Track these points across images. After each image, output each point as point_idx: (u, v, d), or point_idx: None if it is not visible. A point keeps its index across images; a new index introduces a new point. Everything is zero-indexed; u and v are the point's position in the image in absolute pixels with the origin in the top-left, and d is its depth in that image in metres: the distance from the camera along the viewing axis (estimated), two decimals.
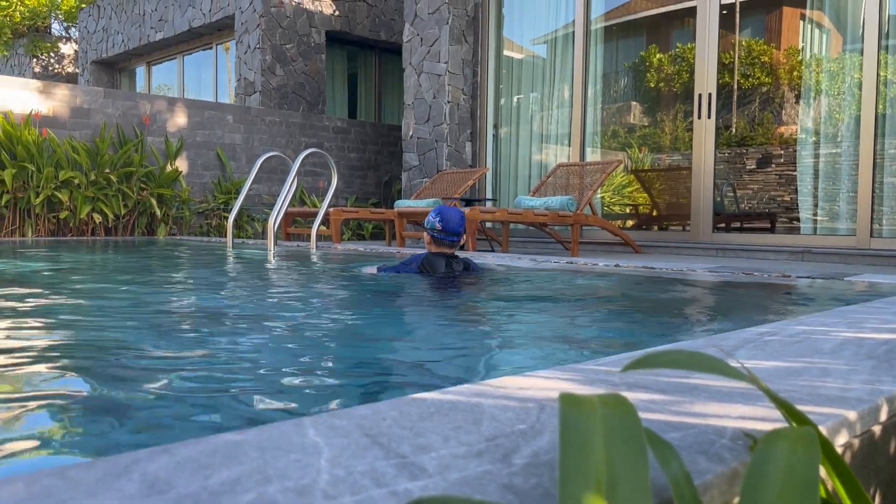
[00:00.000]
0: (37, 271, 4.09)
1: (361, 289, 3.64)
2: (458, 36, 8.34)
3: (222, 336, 2.05)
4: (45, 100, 7.63)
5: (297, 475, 0.63)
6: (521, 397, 0.91)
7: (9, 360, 1.64)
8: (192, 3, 11.50)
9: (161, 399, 1.30)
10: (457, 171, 7.89)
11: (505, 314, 2.63)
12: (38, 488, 0.60)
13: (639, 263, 4.48)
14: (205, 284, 3.83)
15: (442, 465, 0.65)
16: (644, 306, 2.88)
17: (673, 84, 7.87)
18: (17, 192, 7.25)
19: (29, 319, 2.32)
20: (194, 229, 8.66)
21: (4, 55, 16.68)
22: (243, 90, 10.55)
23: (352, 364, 1.71)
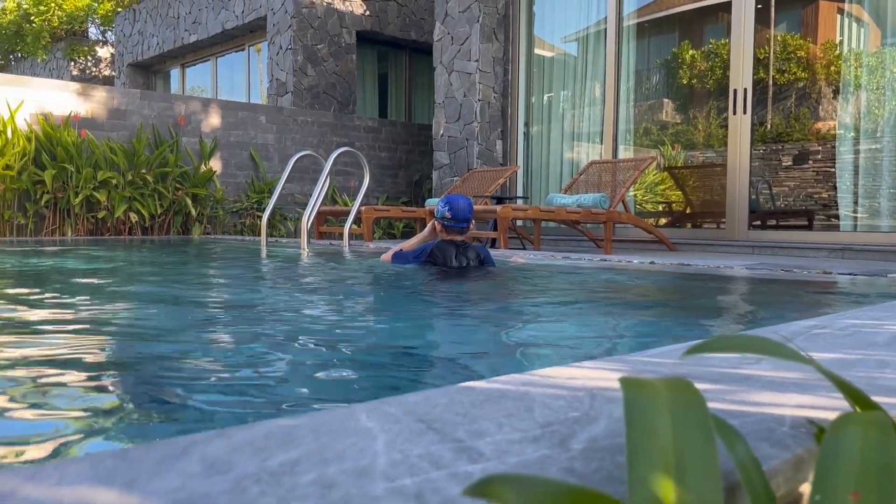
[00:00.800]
0: (82, 269, 4.17)
1: (395, 285, 3.64)
2: (489, 34, 8.32)
3: (261, 329, 2.07)
4: (83, 101, 7.78)
5: (355, 457, 0.63)
6: (570, 386, 0.90)
7: (65, 350, 1.67)
8: (225, 6, 11.64)
9: (207, 389, 1.31)
10: (487, 170, 7.87)
11: (541, 309, 2.62)
12: (102, 468, 0.61)
13: (674, 260, 4.43)
14: (243, 281, 3.87)
15: (499, 450, 0.65)
16: (682, 303, 2.84)
17: (706, 80, 7.77)
18: (58, 193, 7.40)
19: (83, 313, 2.36)
20: (228, 228, 8.76)
21: (43, 59, 17.04)
22: (275, 91, 10.65)
23: (390, 357, 1.72)
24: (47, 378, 1.37)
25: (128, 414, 1.14)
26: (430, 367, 1.56)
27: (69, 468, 0.61)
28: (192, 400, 1.24)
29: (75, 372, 1.45)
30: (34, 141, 7.27)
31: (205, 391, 1.31)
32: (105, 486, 0.57)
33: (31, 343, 1.76)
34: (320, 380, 1.42)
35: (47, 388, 1.30)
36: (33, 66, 17.87)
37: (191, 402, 1.23)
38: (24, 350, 1.67)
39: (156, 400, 1.23)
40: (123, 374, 1.45)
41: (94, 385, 1.36)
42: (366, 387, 1.37)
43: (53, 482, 0.58)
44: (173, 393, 1.29)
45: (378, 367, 1.57)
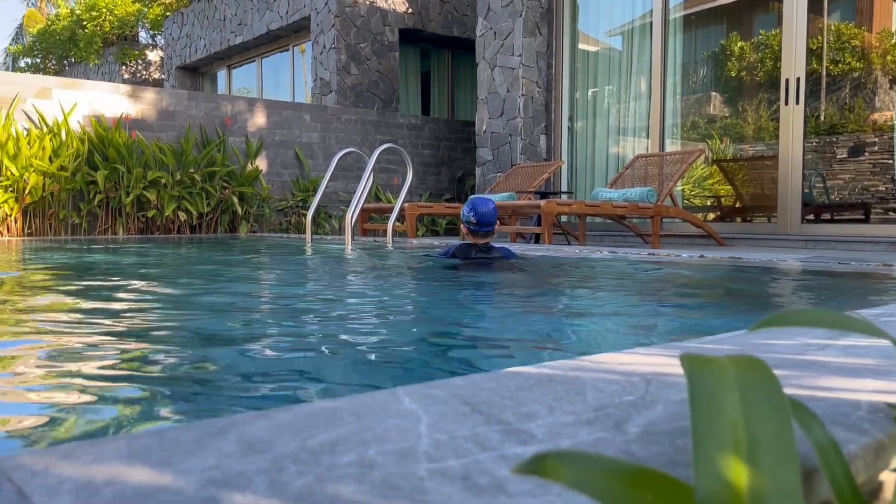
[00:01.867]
0: (138, 265, 4.25)
1: (438, 278, 3.62)
2: (532, 28, 8.24)
3: (308, 319, 2.06)
4: (133, 103, 7.95)
5: (397, 438, 0.60)
6: (623, 371, 0.85)
7: (122, 339, 1.69)
8: (269, 7, 11.78)
9: (252, 373, 1.30)
10: (531, 165, 7.80)
11: (589, 302, 2.56)
12: (138, 446, 0.59)
13: (725, 254, 4.31)
14: (289, 275, 3.89)
15: (551, 432, 0.61)
16: (734, 295, 2.75)
17: (756, 72, 7.57)
18: (110, 193, 7.58)
19: (136, 306, 2.39)
20: (274, 226, 8.85)
21: (96, 63, 17.50)
22: (319, 90, 10.73)
23: (436, 345, 1.69)
24: (96, 362, 1.37)
25: (175, 397, 1.14)
26: (475, 355, 1.53)
27: (106, 446, 0.59)
28: (239, 386, 1.23)
29: (126, 356, 1.46)
30: (87, 142, 7.45)
31: (252, 377, 1.30)
32: (140, 465, 0.55)
33: (94, 331, 1.79)
34: (365, 366, 1.39)
35: (97, 371, 1.30)
36: (86, 70, 18.37)
37: (238, 388, 1.22)
38: (84, 337, 1.69)
39: (201, 383, 1.23)
40: (173, 360, 1.46)
41: (143, 369, 1.36)
42: (411, 373, 1.34)
43: (88, 460, 0.56)
44: (222, 379, 1.28)
45: (423, 355, 1.54)
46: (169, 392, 1.19)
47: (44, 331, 1.81)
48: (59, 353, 1.47)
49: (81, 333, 1.77)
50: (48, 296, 2.60)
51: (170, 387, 1.23)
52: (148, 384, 1.24)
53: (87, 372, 1.29)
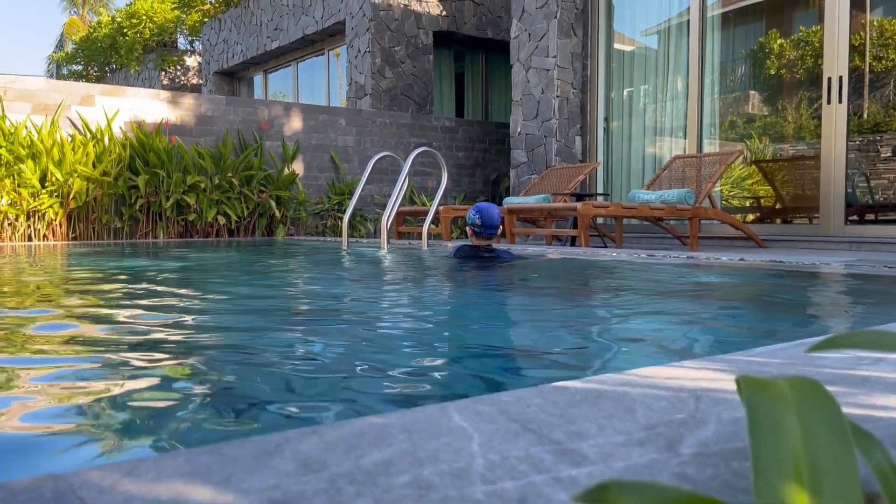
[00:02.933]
0: (182, 269, 4.33)
1: (475, 282, 3.62)
2: (567, 29, 8.20)
3: (347, 327, 2.08)
4: (173, 109, 8.10)
5: (450, 458, 0.61)
6: (671, 387, 0.85)
7: (170, 349, 1.72)
8: (305, 11, 11.90)
9: (295, 385, 1.32)
10: (567, 167, 7.76)
11: (629, 308, 2.54)
12: (198, 464, 0.61)
13: (765, 257, 4.23)
14: (327, 281, 3.93)
15: (603, 453, 0.61)
16: (778, 301, 2.70)
17: (796, 70, 7.42)
18: (150, 197, 7.73)
19: (185, 315, 2.44)
20: (310, 229, 8.94)
21: (136, 70, 17.87)
22: (354, 93, 10.81)
23: (475, 355, 1.69)
24: (143, 373, 1.41)
25: (218, 409, 1.16)
26: (515, 365, 1.52)
27: (166, 464, 0.61)
28: (282, 395, 1.25)
29: (171, 366, 1.49)
30: (129, 148, 7.61)
31: (292, 387, 1.32)
32: (201, 483, 0.56)
33: (136, 334, 1.83)
34: (406, 377, 1.40)
35: (147, 383, 1.33)
36: (127, 76, 18.77)
37: (281, 398, 1.23)
38: (133, 348, 1.73)
39: (245, 395, 1.25)
40: (215, 370, 1.48)
41: (193, 380, 1.39)
42: (452, 385, 1.35)
43: (151, 478, 0.57)
44: (264, 388, 1.30)
45: (464, 365, 1.54)
46: (218, 404, 1.21)
47: (94, 340, 1.85)
48: (108, 364, 1.51)
49: (130, 343, 1.81)
50: (96, 303, 2.67)
51: (219, 398, 1.26)
52: (197, 396, 1.27)
53: (137, 385, 1.32)
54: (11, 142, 6.95)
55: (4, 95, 7.12)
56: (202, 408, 1.18)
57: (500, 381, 1.38)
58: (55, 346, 1.73)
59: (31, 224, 7.17)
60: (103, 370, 1.45)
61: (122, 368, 1.46)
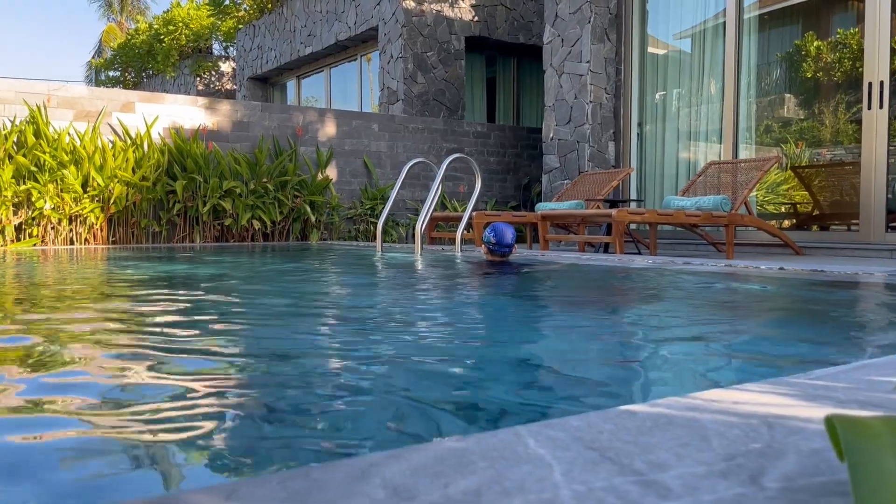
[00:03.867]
0: (224, 275, 4.40)
1: (518, 292, 3.63)
2: (601, 34, 8.17)
3: (390, 339, 2.10)
4: (210, 115, 8.23)
5: (536, 489, 0.62)
6: (740, 413, 0.85)
7: (234, 362, 1.76)
8: (338, 18, 12.01)
9: (342, 402, 1.34)
10: (600, 172, 7.73)
11: (672, 321, 2.53)
12: (292, 489, 0.63)
13: (806, 266, 4.18)
14: (365, 289, 3.96)
15: (687, 485, 0.62)
16: (823, 314, 2.67)
17: (833, 73, 7.31)
18: (188, 202, 7.86)
19: (223, 323, 2.49)
20: (343, 234, 9.02)
21: (172, 76, 18.18)
22: (386, 99, 10.88)
23: (526, 372, 1.70)
24: (201, 392, 1.44)
25: (278, 430, 1.18)
26: (570, 384, 1.53)
27: (261, 489, 0.63)
28: (336, 413, 1.28)
29: (236, 383, 1.52)
30: (167, 153, 7.75)
31: (339, 406, 1.34)
32: None
33: (186, 344, 1.87)
34: (459, 392, 1.42)
35: (221, 400, 1.37)
36: (163, 82, 19.10)
37: (335, 416, 1.26)
38: (183, 350, 1.78)
39: (298, 412, 1.27)
40: (264, 387, 1.51)
41: (260, 397, 1.42)
42: (505, 402, 1.36)
43: (250, 502, 0.60)
44: (317, 404, 1.33)
45: (516, 385, 1.56)
46: (283, 421, 1.24)
47: (162, 349, 1.90)
48: (182, 380, 1.55)
49: (198, 355, 1.85)
50: (148, 312, 2.72)
51: (285, 416, 1.29)
52: (268, 413, 1.30)
53: (212, 402, 1.35)
54: (55, 148, 7.12)
55: (48, 103, 7.30)
56: (274, 427, 1.21)
57: (556, 399, 1.39)
58: (126, 363, 1.78)
59: (74, 228, 7.34)
60: (165, 386, 1.49)
61: (178, 385, 1.50)
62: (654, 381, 1.49)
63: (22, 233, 7.12)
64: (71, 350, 1.84)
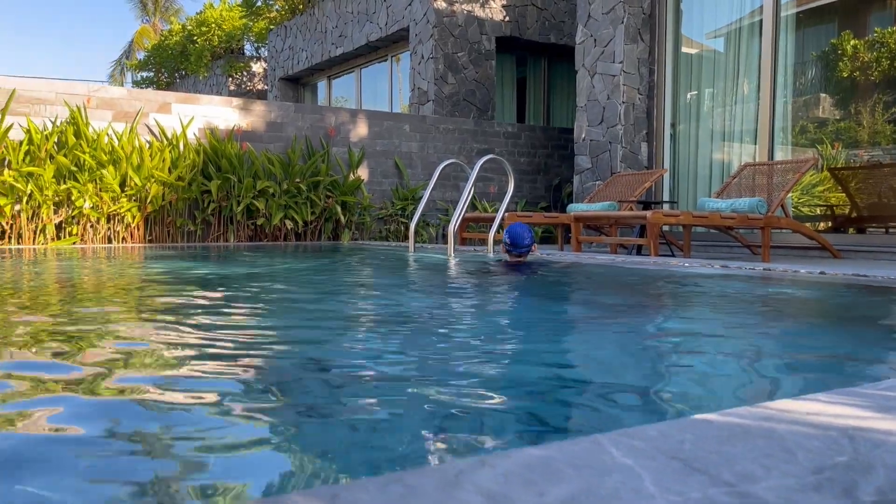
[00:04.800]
0: (266, 277, 4.46)
1: (552, 295, 3.63)
2: (634, 35, 8.13)
3: (431, 340, 2.12)
4: (244, 116, 8.33)
5: (631, 499, 0.64)
6: (816, 424, 0.86)
7: (307, 366, 1.80)
8: (369, 19, 12.07)
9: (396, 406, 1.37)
10: (632, 174, 7.68)
11: (718, 327, 2.52)
12: (391, 494, 0.65)
13: (847, 271, 4.13)
14: (407, 289, 3.99)
15: (783, 498, 0.63)
16: (872, 320, 2.64)
17: (871, 73, 7.20)
18: (222, 201, 7.96)
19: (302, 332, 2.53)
20: (374, 234, 9.07)
21: (205, 76, 18.41)
22: (417, 99, 10.92)
23: (577, 381, 1.71)
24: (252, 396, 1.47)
25: (342, 432, 1.21)
26: (625, 390, 1.54)
27: (360, 493, 0.65)
28: (403, 413, 1.30)
29: (310, 385, 1.55)
30: (202, 154, 7.86)
31: (391, 409, 1.36)
32: None
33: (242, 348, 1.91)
34: (510, 399, 1.43)
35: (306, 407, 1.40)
36: (195, 82, 19.34)
37: (402, 416, 1.28)
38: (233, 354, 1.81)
39: (359, 414, 1.30)
40: (326, 390, 1.54)
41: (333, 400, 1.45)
42: (569, 411, 1.37)
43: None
44: (382, 409, 1.35)
45: (576, 391, 1.57)
46: (368, 426, 1.27)
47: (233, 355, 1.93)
48: (262, 386, 1.58)
49: (269, 361, 1.88)
50: (207, 319, 2.77)
51: (363, 420, 1.31)
52: (342, 417, 1.32)
53: (295, 411, 1.38)
54: (94, 148, 7.26)
55: (88, 104, 7.44)
56: (354, 429, 1.23)
57: (616, 407, 1.40)
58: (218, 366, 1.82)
59: (111, 226, 7.47)
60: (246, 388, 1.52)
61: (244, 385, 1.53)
62: (711, 389, 1.49)
63: (62, 231, 7.26)
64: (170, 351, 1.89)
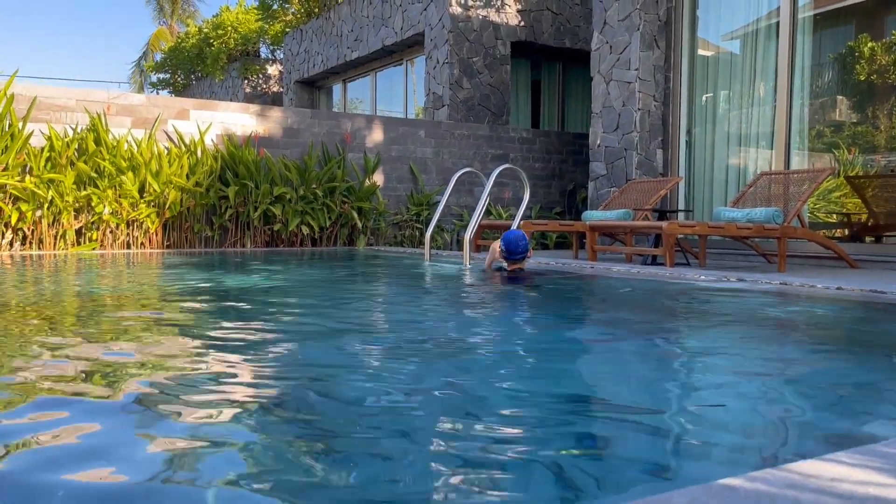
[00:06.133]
0: (305, 287, 4.52)
1: (573, 312, 3.66)
2: (650, 41, 8.12)
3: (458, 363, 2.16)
4: (261, 122, 8.40)
5: None
6: (841, 493, 0.88)
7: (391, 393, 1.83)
8: (385, 23, 12.12)
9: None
10: (647, 181, 7.69)
11: (729, 359, 2.54)
12: None
13: (864, 285, 4.12)
14: (420, 303, 4.03)
15: None
16: (890, 348, 2.64)
17: (888, 76, 7.17)
18: (239, 207, 8.04)
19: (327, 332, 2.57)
20: (389, 239, 9.12)
21: (220, 78, 18.54)
22: (432, 104, 10.96)
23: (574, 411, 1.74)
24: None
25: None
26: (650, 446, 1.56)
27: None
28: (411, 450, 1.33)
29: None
30: (220, 160, 7.94)
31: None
32: None
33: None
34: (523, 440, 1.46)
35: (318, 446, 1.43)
36: (212, 84, 19.48)
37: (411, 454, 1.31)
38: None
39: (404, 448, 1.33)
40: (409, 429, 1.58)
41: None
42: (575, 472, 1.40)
43: None
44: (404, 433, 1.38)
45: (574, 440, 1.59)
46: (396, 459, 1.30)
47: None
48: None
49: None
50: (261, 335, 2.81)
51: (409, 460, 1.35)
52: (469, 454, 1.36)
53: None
54: (114, 155, 7.35)
55: (108, 111, 7.53)
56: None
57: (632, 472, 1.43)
58: None
59: (130, 232, 7.56)
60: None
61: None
62: (734, 440, 1.51)
63: (82, 237, 7.36)
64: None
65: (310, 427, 1.50)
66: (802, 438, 1.46)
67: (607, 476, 1.22)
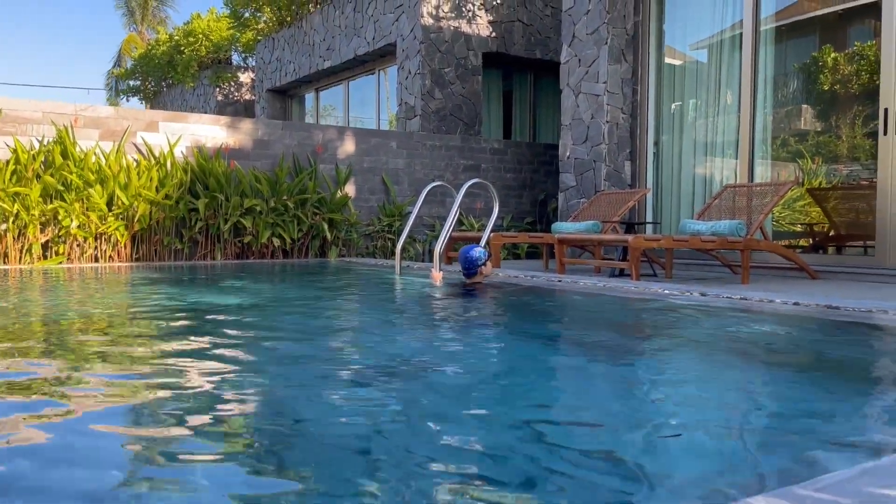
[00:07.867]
0: (312, 298, 4.52)
1: (536, 336, 3.71)
2: (618, 55, 8.25)
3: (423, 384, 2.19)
4: (232, 134, 8.38)
5: None
6: None
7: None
8: (357, 33, 12.16)
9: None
10: (616, 192, 7.80)
11: (686, 376, 2.61)
12: None
13: (820, 300, 4.23)
14: (391, 323, 4.06)
15: None
16: (837, 371, 2.73)
17: (850, 85, 7.34)
18: (209, 220, 8.01)
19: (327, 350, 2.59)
20: (361, 251, 9.14)
21: (192, 86, 18.42)
22: (404, 114, 11.00)
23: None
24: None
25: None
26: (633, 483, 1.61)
27: None
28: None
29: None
30: (189, 172, 7.91)
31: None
32: None
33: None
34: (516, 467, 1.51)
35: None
36: (183, 92, 19.35)
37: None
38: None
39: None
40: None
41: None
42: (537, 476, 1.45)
43: None
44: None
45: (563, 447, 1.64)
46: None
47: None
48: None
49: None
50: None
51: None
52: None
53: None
54: (82, 168, 7.29)
55: (76, 123, 7.47)
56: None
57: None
58: None
59: (98, 246, 7.50)
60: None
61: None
62: (694, 471, 1.57)
63: (48, 250, 7.29)
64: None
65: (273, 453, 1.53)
66: (734, 474, 1.51)
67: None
